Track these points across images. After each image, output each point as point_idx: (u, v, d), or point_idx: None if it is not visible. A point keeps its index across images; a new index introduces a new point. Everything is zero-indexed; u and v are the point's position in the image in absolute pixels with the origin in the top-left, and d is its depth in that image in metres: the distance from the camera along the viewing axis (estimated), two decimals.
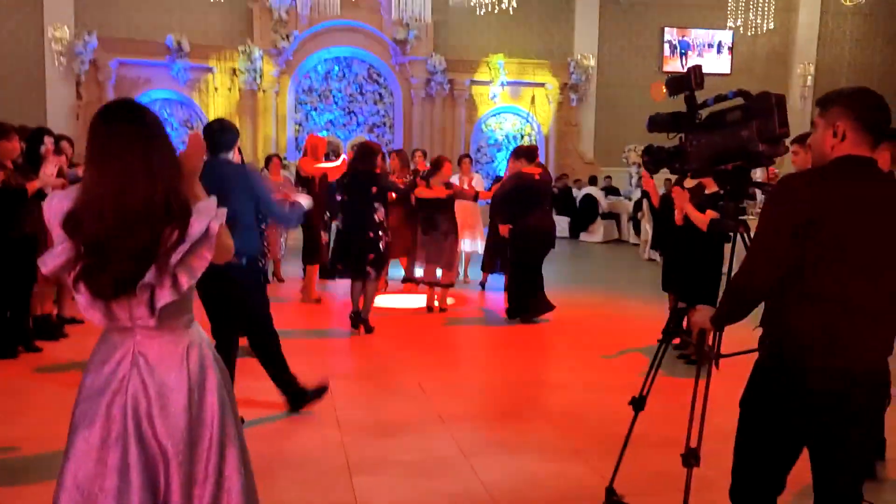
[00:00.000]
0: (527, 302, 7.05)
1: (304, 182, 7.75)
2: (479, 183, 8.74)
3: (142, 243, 1.90)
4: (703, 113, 2.84)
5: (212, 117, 14.85)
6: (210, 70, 14.94)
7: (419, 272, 7.60)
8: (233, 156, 4.35)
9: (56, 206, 1.97)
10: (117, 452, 2.00)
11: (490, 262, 8.41)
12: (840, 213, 2.10)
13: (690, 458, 2.70)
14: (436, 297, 7.43)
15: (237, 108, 15.09)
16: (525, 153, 7.24)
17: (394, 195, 7.06)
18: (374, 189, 6.45)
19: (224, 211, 2.02)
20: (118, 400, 2.01)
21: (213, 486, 2.09)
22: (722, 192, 2.87)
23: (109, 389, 2.02)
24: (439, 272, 7.34)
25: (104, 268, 1.90)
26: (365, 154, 6.54)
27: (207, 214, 1.97)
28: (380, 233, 6.45)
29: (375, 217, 6.45)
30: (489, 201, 8.51)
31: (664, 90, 2.85)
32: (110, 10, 14.74)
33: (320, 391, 4.52)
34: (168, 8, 14.72)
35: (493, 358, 6.00)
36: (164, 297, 1.93)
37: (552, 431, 4.31)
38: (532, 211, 6.95)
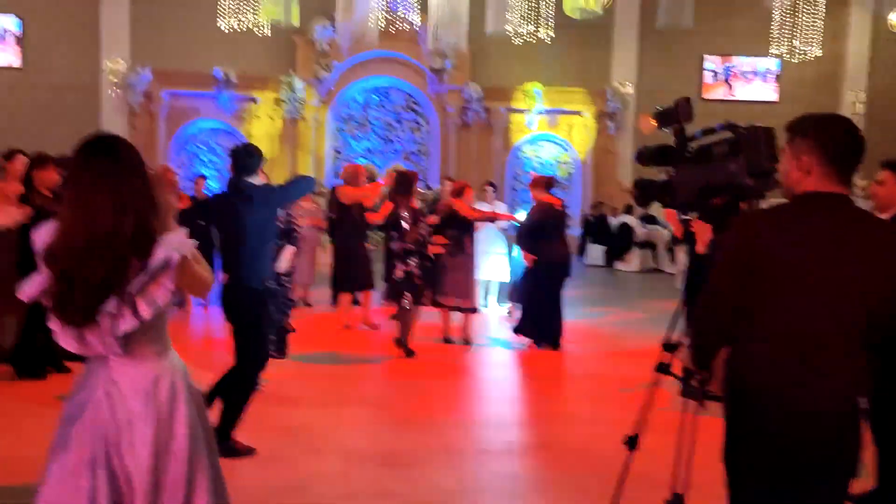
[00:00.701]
0: (553, 329, 7.04)
1: (341, 209, 7.84)
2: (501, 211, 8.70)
3: (106, 273, 1.96)
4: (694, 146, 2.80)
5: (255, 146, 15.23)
6: (254, 100, 15.37)
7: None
8: (257, 179, 4.47)
9: (43, 236, 2.06)
10: (87, 478, 2.05)
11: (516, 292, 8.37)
12: (790, 255, 2.00)
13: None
14: (458, 326, 7.31)
15: (279, 136, 15.46)
16: (546, 183, 7.32)
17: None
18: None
19: (191, 243, 2.06)
20: (90, 426, 2.06)
21: None
22: None
23: (83, 415, 2.08)
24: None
25: (72, 297, 1.97)
26: (400, 183, 6.70)
27: (171, 246, 2.02)
28: (407, 259, 6.51)
29: (392, 245, 6.61)
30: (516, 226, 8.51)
31: (653, 122, 2.82)
32: (164, 44, 15.33)
33: (241, 451, 4.17)
34: (217, 41, 15.22)
35: (509, 389, 5.94)
36: (125, 324, 1.98)
37: (558, 468, 4.24)
38: (555, 240, 7.02)
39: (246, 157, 4.31)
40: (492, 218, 7.44)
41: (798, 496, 2.09)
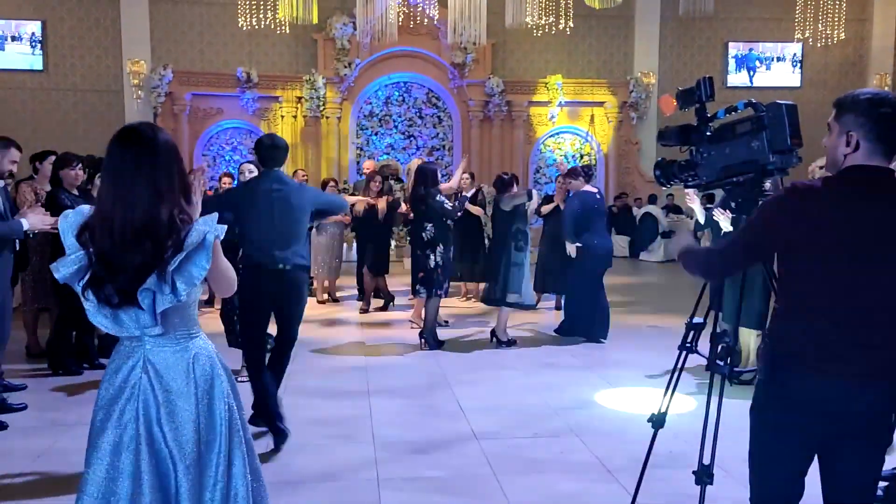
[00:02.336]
0: (594, 321, 7.04)
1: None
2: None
3: (144, 257, 2.04)
4: (715, 125, 2.81)
5: None
6: (276, 99, 15.49)
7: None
8: (284, 170, 4.50)
9: (71, 220, 2.15)
10: (129, 458, 2.12)
11: (542, 283, 8.40)
12: (831, 229, 2.05)
13: (703, 475, 2.65)
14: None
15: (301, 134, 15.58)
16: (583, 172, 7.33)
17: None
18: (423, 208, 6.74)
19: (223, 227, 2.13)
20: (129, 406, 2.13)
21: (221, 490, 2.18)
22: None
23: (122, 397, 2.15)
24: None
25: (110, 278, 2.05)
26: (417, 176, 6.90)
27: (205, 227, 2.09)
28: (427, 251, 6.64)
29: (423, 235, 6.69)
30: (540, 220, 8.53)
31: (674, 103, 2.84)
32: (185, 45, 15.52)
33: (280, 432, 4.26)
34: (238, 41, 15.37)
35: (537, 377, 5.96)
36: (164, 302, 2.05)
37: (585, 450, 4.27)
38: (595, 229, 7.04)
39: (271, 149, 4.32)
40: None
41: (828, 463, 2.14)
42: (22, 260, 5.19)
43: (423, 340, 6.79)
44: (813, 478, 2.24)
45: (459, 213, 7.06)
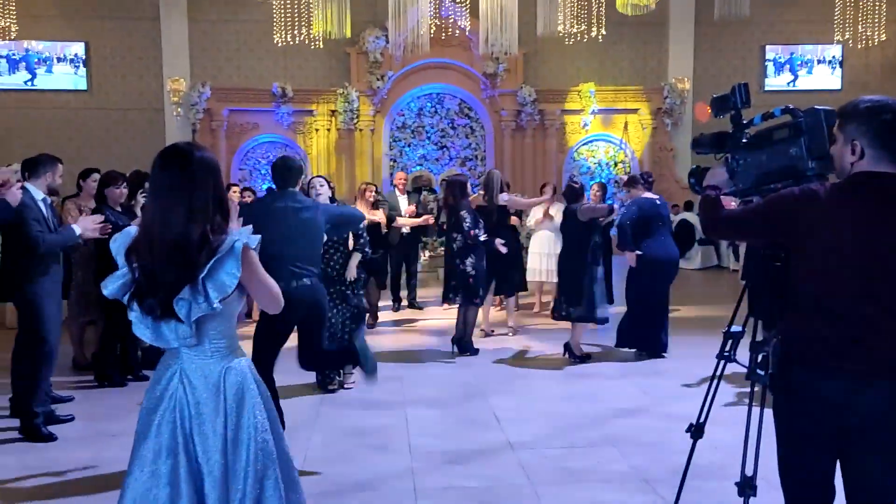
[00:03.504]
0: (655, 333, 6.69)
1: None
2: (558, 213, 8.67)
3: (178, 271, 2.12)
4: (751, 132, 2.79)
5: (312, 157, 15.60)
6: (311, 113, 15.70)
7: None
8: (298, 189, 4.58)
9: (119, 242, 2.26)
10: (168, 465, 2.18)
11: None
12: (837, 232, 2.11)
13: (746, 487, 2.61)
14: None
15: (335, 147, 15.75)
16: (643, 179, 7.04)
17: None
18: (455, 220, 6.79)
19: (256, 237, 2.19)
20: (167, 416, 2.20)
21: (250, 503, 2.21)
22: None
23: (161, 406, 2.22)
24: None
25: (151, 292, 2.14)
26: (447, 187, 7.08)
27: (236, 235, 2.16)
28: (457, 261, 6.75)
29: (454, 246, 6.80)
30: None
31: (709, 110, 2.82)
32: (222, 62, 15.83)
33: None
34: (274, 58, 15.61)
35: (572, 386, 5.93)
36: (198, 311, 2.12)
37: (623, 460, 4.23)
38: (656, 237, 6.67)
39: (284, 170, 4.44)
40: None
41: (847, 464, 2.14)
42: (66, 275, 5.33)
43: (456, 347, 6.87)
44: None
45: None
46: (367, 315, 8.54)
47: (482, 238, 6.76)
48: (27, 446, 4.54)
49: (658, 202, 6.84)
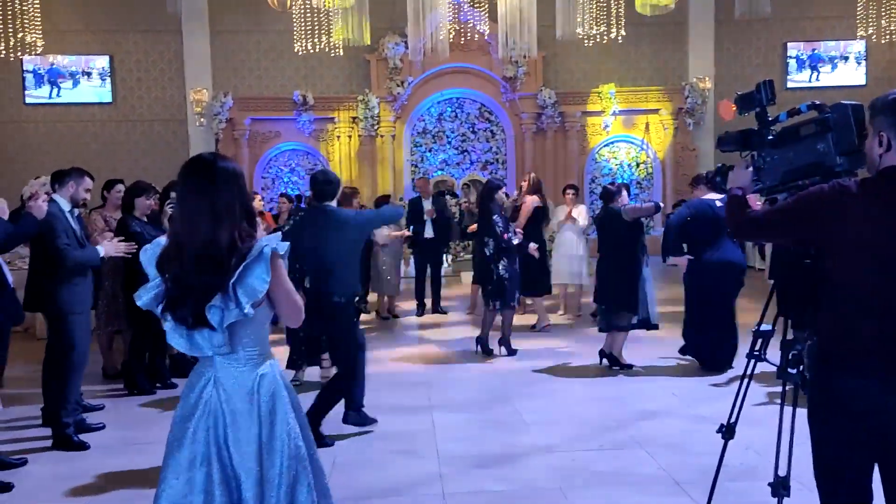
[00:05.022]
0: (717, 344, 6.17)
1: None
2: (582, 214, 8.64)
3: (208, 279, 2.14)
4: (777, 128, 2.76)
5: (334, 164, 15.69)
6: (332, 120, 15.80)
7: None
8: (335, 203, 4.73)
9: (150, 253, 2.29)
10: (202, 473, 2.20)
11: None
12: (868, 228, 2.08)
13: (780, 487, 2.58)
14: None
15: (357, 154, 15.82)
16: (707, 179, 6.29)
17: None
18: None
19: (285, 244, 2.20)
20: (202, 424, 2.22)
21: None
22: None
23: (195, 414, 2.23)
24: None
25: (183, 300, 2.16)
26: (482, 192, 7.20)
27: (264, 242, 2.18)
28: (491, 265, 6.80)
29: (486, 251, 6.85)
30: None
31: (733, 108, 2.79)
32: (243, 72, 15.99)
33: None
34: (295, 66, 15.75)
35: (598, 388, 5.89)
36: (230, 317, 2.14)
37: (653, 463, 4.19)
38: (714, 241, 6.07)
39: (324, 184, 4.63)
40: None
41: (886, 468, 2.10)
42: (95, 285, 5.41)
43: (500, 347, 6.98)
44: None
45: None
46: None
47: (515, 241, 6.77)
48: (60, 455, 4.60)
49: (718, 203, 6.00)
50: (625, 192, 6.65)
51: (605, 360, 6.45)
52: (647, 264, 6.45)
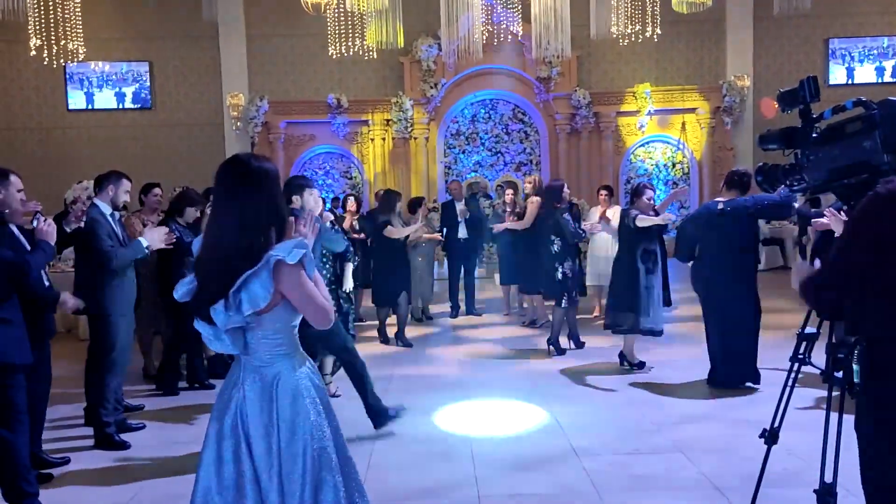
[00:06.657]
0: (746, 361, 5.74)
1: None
2: (616, 215, 8.53)
3: (216, 284, 2.16)
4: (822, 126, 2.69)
5: (367, 167, 15.79)
6: (366, 123, 15.88)
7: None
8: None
9: (196, 246, 2.34)
10: (231, 468, 2.21)
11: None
12: None
13: (825, 494, 2.51)
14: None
15: (391, 156, 15.89)
16: (736, 177, 5.87)
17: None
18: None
19: (300, 252, 2.14)
20: (229, 421, 2.24)
21: None
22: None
23: (227, 412, 2.26)
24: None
25: (205, 301, 2.19)
26: (545, 194, 7.44)
27: (275, 250, 2.15)
28: (555, 264, 6.95)
29: (552, 249, 6.98)
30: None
31: (775, 105, 2.73)
32: (279, 76, 16.17)
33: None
34: (329, 69, 15.87)
35: (633, 391, 5.81)
36: (232, 322, 2.16)
37: (692, 467, 4.12)
38: (716, 246, 5.76)
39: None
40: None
41: None
42: (138, 288, 5.50)
43: (550, 347, 7.06)
44: None
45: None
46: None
47: (585, 235, 7.16)
48: (101, 454, 4.68)
49: (720, 206, 5.77)
50: (649, 192, 6.46)
51: (625, 363, 6.49)
52: (654, 272, 6.19)
